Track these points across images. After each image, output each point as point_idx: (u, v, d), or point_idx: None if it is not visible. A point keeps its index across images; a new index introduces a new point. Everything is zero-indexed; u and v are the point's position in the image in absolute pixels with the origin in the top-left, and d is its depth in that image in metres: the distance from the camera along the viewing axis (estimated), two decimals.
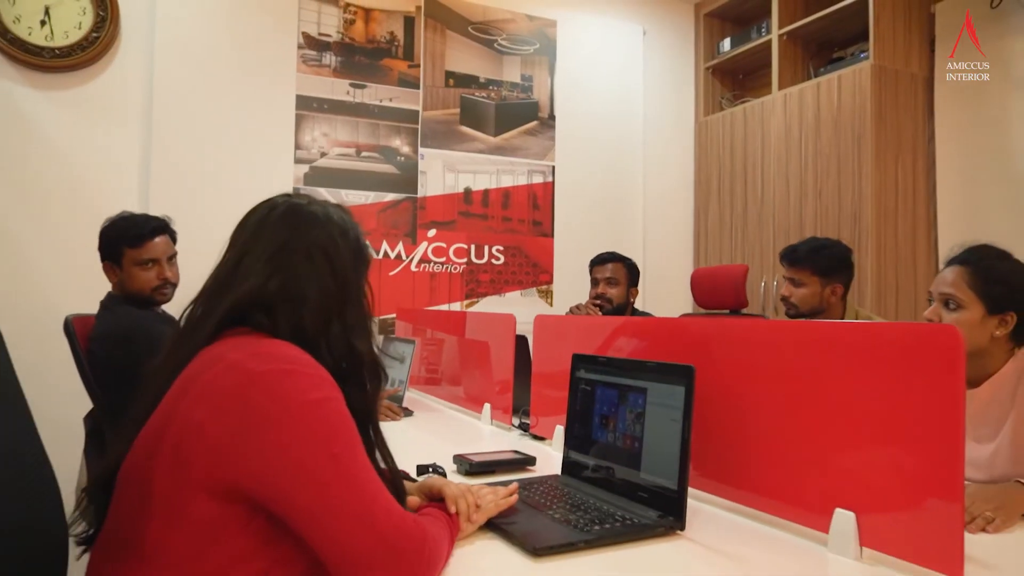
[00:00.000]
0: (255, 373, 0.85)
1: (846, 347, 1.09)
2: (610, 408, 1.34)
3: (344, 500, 0.83)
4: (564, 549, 1.05)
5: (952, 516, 0.93)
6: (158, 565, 0.83)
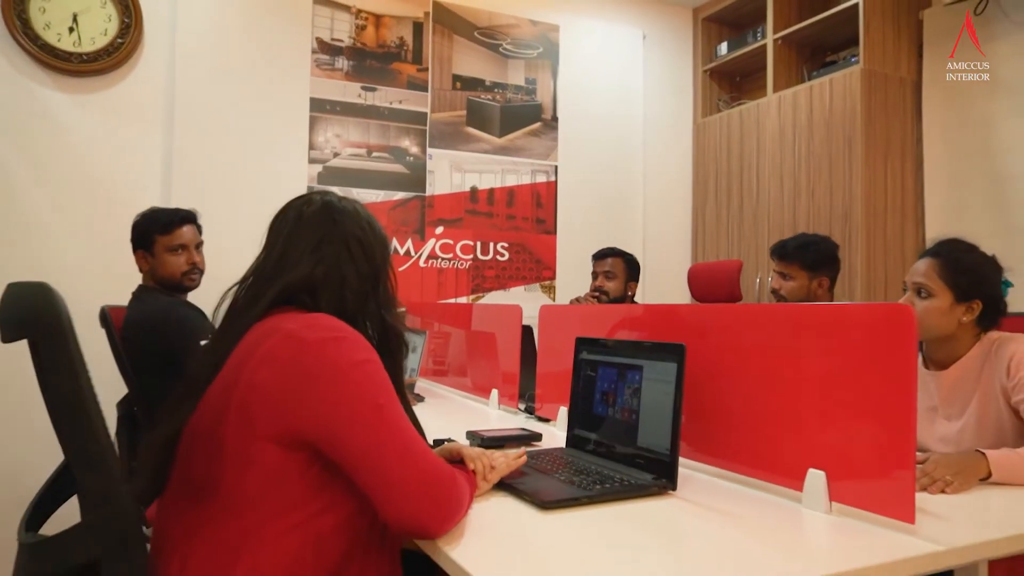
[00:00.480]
0: (310, 340, 1.00)
1: (815, 327, 1.24)
2: (610, 385, 1.48)
3: (388, 441, 0.97)
4: (568, 504, 1.19)
5: (905, 471, 1.07)
6: (232, 506, 0.98)
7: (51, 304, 0.86)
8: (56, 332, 0.85)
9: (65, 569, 0.94)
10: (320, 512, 1.02)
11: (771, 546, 1.04)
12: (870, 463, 1.13)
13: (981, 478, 1.39)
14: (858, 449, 1.15)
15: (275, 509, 0.99)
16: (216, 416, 1.01)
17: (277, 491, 0.99)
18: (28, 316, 0.87)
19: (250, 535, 0.98)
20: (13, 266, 2.92)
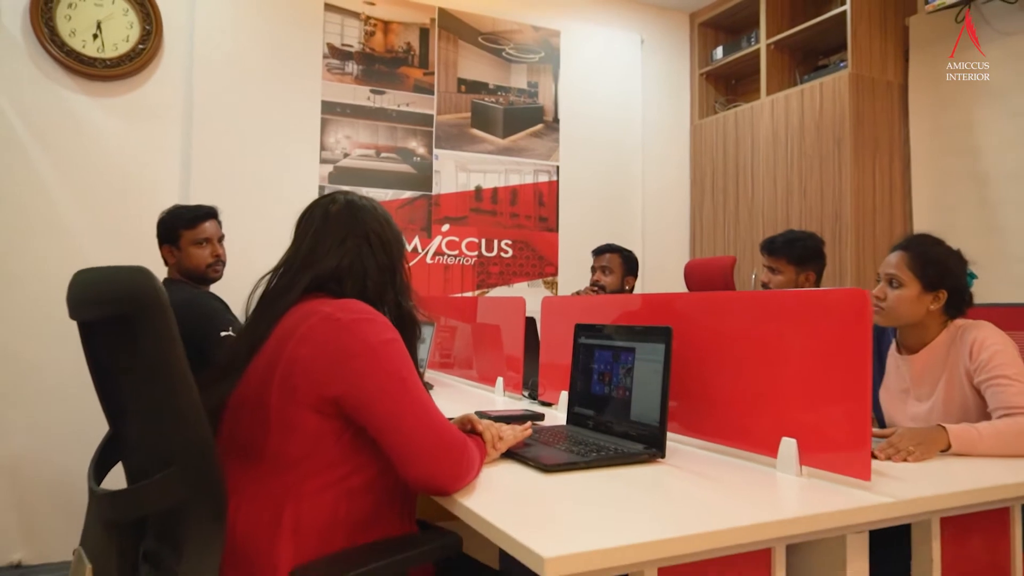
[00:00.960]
0: (345, 321, 1.15)
1: (785, 311, 1.39)
2: (606, 366, 1.63)
3: (410, 408, 1.12)
4: (567, 467, 1.34)
5: (862, 436, 1.22)
6: (276, 466, 1.13)
7: (152, 283, 1.00)
8: (158, 305, 0.99)
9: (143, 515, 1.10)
10: (351, 472, 1.17)
11: (747, 501, 1.18)
12: (834, 430, 1.28)
13: (942, 449, 1.53)
14: (824, 418, 1.30)
15: (313, 469, 1.14)
16: (260, 388, 1.16)
17: (315, 454, 1.14)
18: (128, 293, 1.00)
19: (292, 491, 1.13)
20: (41, 259, 3.07)
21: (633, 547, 0.96)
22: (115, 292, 1.07)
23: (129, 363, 1.10)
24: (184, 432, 1.01)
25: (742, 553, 1.11)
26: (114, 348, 1.18)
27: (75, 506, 3.08)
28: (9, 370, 3.02)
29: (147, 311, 0.99)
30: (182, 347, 1.01)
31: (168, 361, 0.99)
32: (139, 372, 1.06)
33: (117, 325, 1.07)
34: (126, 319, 1.00)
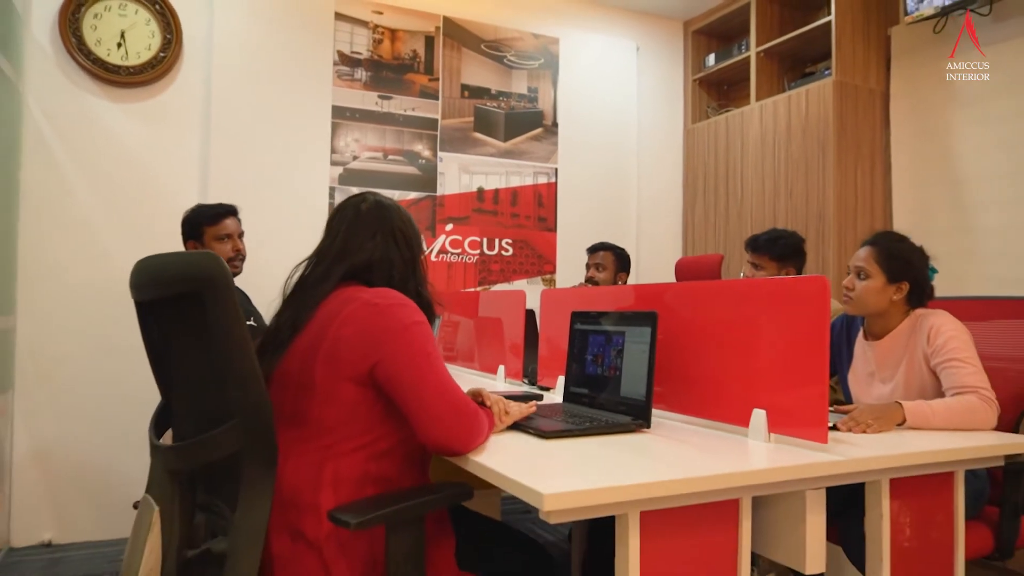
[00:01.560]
0: (382, 306, 1.34)
1: (756, 298, 1.57)
2: (599, 349, 1.82)
3: (430, 378, 1.31)
4: (564, 434, 1.52)
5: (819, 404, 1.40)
6: (318, 430, 1.32)
7: (222, 264, 1.19)
8: (225, 283, 1.17)
9: (204, 464, 1.28)
10: (380, 437, 1.35)
11: (720, 458, 1.37)
12: (797, 401, 1.46)
13: (898, 423, 1.72)
14: (789, 390, 1.48)
15: (349, 433, 1.33)
16: (306, 363, 1.35)
17: (352, 421, 1.33)
18: (202, 273, 1.18)
19: (331, 451, 1.32)
20: (67, 257, 3.26)
21: (618, 488, 1.14)
22: (190, 272, 1.25)
23: (191, 336, 1.28)
24: (245, 390, 1.19)
25: (714, 502, 1.29)
26: (174, 325, 1.36)
27: (99, 489, 3.27)
28: (38, 362, 3.20)
29: (218, 288, 1.17)
30: (244, 319, 1.19)
31: (233, 330, 1.18)
32: (203, 342, 1.24)
33: (181, 303, 1.25)
34: (195, 296, 1.19)
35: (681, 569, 1.27)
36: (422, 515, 1.26)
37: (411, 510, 1.23)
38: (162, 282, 1.31)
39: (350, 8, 3.80)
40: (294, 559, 1.30)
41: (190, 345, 1.35)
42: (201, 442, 1.25)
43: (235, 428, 1.20)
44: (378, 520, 1.20)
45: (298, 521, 1.30)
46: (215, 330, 1.17)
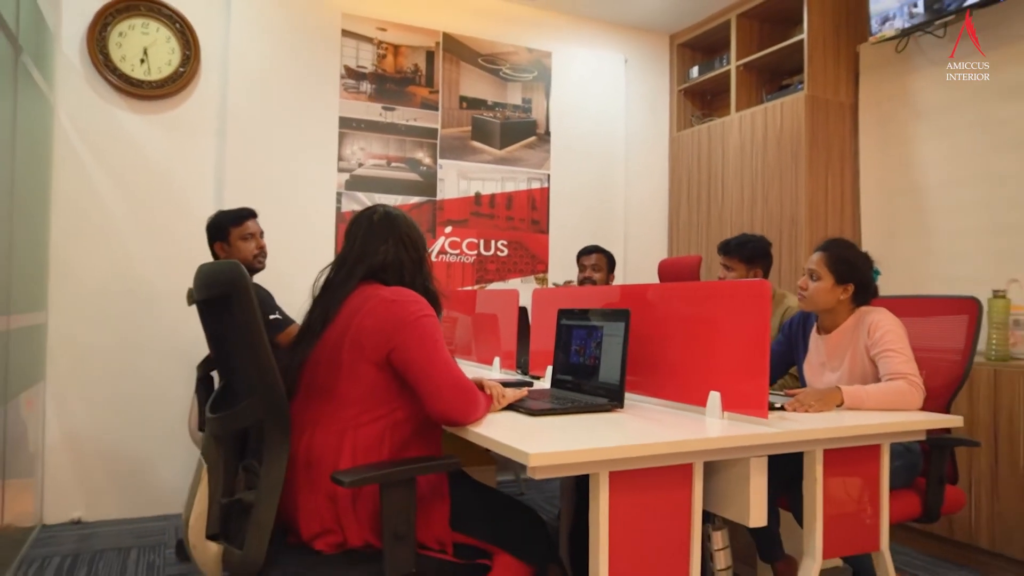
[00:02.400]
0: (397, 302, 1.61)
1: (712, 298, 1.85)
2: (581, 341, 2.09)
3: (436, 360, 1.58)
4: (549, 412, 1.80)
5: (761, 386, 1.68)
6: (342, 403, 1.59)
7: (241, 271, 1.46)
8: (244, 287, 1.45)
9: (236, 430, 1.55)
10: (394, 410, 1.62)
11: (678, 431, 1.64)
12: (744, 383, 1.74)
13: (837, 404, 2.00)
14: (737, 375, 1.76)
15: (368, 407, 1.60)
16: (335, 348, 1.62)
17: (370, 396, 1.60)
18: (227, 279, 1.46)
19: (351, 422, 1.59)
20: (95, 256, 3.52)
21: (590, 451, 1.42)
22: (220, 278, 1.53)
23: (230, 330, 1.55)
24: (261, 373, 1.47)
25: (671, 466, 1.57)
26: (222, 320, 1.63)
27: (125, 471, 3.54)
28: (68, 354, 3.46)
29: (240, 290, 1.45)
30: (260, 315, 1.46)
31: (252, 324, 1.45)
32: (235, 334, 1.52)
33: (221, 303, 1.53)
34: (227, 298, 1.46)
35: (644, 522, 1.55)
36: (411, 479, 1.52)
37: (399, 475, 1.49)
38: (206, 285, 1.58)
39: (356, 25, 4.07)
40: (315, 510, 1.57)
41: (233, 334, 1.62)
42: (231, 414, 1.53)
43: (254, 403, 1.48)
44: (369, 481, 1.47)
45: (321, 480, 1.57)
46: (239, 324, 1.45)
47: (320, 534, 1.57)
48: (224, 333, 1.68)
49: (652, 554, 1.56)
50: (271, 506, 1.48)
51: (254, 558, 1.46)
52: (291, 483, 1.58)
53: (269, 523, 1.47)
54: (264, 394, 1.49)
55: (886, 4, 3.65)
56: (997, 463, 2.95)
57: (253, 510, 1.49)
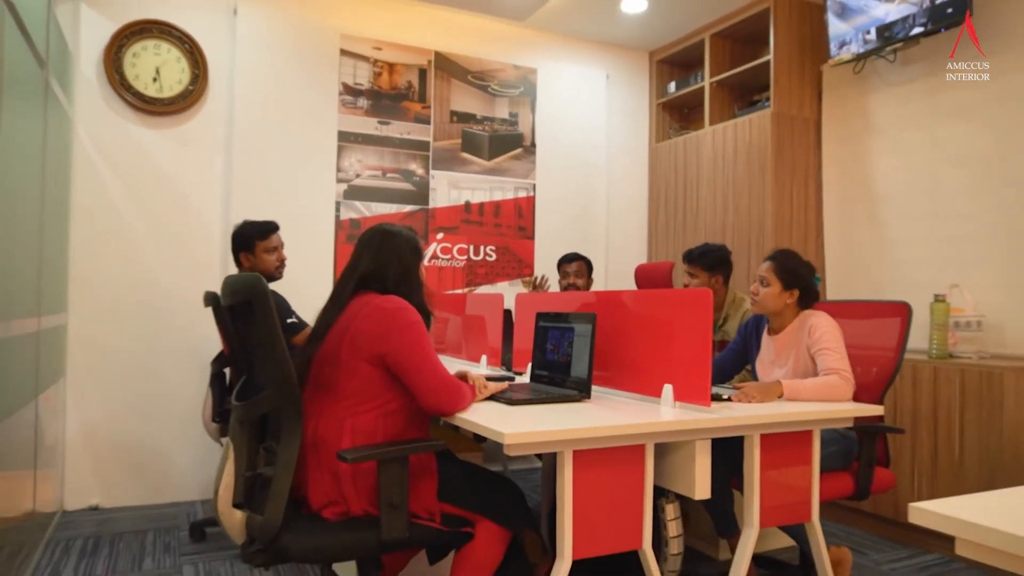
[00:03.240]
0: (389, 308, 1.90)
1: (666, 304, 2.15)
2: (556, 340, 2.39)
3: (426, 364, 1.87)
4: (526, 402, 2.09)
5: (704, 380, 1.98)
6: (341, 395, 1.87)
7: (262, 283, 1.74)
8: (264, 296, 1.73)
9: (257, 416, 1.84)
10: (388, 401, 1.91)
11: (634, 417, 1.93)
12: (691, 377, 2.03)
13: (777, 396, 2.30)
14: (685, 369, 2.05)
15: (365, 398, 1.88)
16: (336, 348, 1.91)
17: (366, 389, 1.89)
18: (249, 288, 1.74)
19: (350, 411, 1.87)
20: (112, 262, 3.79)
21: (557, 431, 1.72)
22: (243, 288, 1.81)
23: (251, 332, 1.84)
24: (278, 368, 1.75)
25: (626, 446, 1.86)
26: (246, 323, 1.92)
27: (139, 461, 3.82)
28: (87, 354, 3.73)
29: (260, 298, 1.73)
30: (277, 321, 1.75)
31: (271, 328, 1.74)
32: (256, 336, 1.80)
33: (244, 308, 1.81)
34: (249, 304, 1.75)
35: (603, 494, 1.84)
36: (404, 457, 1.81)
37: (393, 453, 1.78)
38: (232, 293, 1.86)
39: (353, 45, 4.35)
40: (321, 485, 1.86)
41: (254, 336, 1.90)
42: (254, 402, 1.82)
43: (273, 392, 1.77)
44: (369, 458, 1.77)
45: (326, 459, 1.86)
46: (260, 327, 1.74)
47: (326, 505, 1.86)
48: (247, 334, 1.97)
49: (610, 521, 1.85)
50: (287, 478, 1.77)
51: (272, 522, 1.75)
52: (301, 463, 1.86)
53: (285, 493, 1.76)
54: (281, 385, 1.78)
55: (842, 30, 3.96)
56: (936, 451, 3.26)
57: (272, 482, 1.77)
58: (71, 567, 2.94)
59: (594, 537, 1.83)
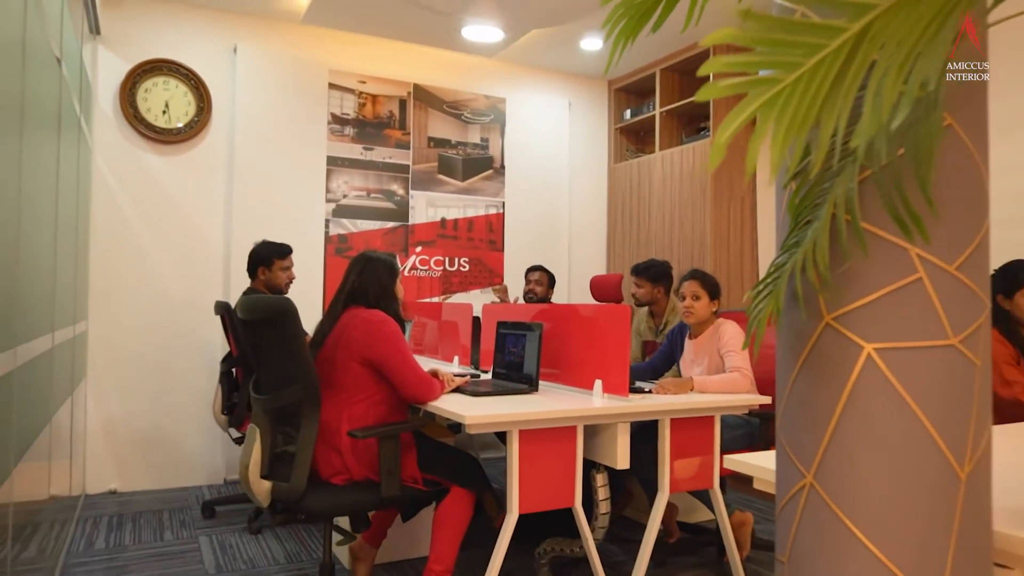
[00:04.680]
0: (374, 321, 2.44)
1: (595, 316, 2.71)
2: (512, 344, 2.93)
3: (405, 365, 2.41)
4: (485, 394, 2.64)
5: (623, 375, 2.53)
6: (338, 390, 2.41)
7: (291, 304, 2.28)
8: (293, 313, 2.26)
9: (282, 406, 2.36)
10: (375, 393, 2.45)
11: (569, 405, 2.48)
12: (614, 373, 2.59)
13: (689, 389, 2.86)
14: (611, 368, 2.61)
15: (357, 391, 2.42)
16: (332, 352, 2.44)
17: (358, 384, 2.42)
18: (280, 307, 2.28)
19: (346, 403, 2.41)
20: (127, 276, 4.28)
21: (506, 414, 2.26)
22: (270, 307, 2.33)
23: (273, 341, 2.37)
24: (302, 367, 2.29)
25: (561, 427, 2.42)
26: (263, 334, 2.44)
27: (153, 450, 4.31)
28: (106, 356, 4.22)
29: (289, 316, 2.26)
30: (303, 333, 2.28)
31: (298, 338, 2.27)
32: (280, 344, 2.33)
33: (268, 322, 2.34)
34: (275, 319, 2.28)
35: (543, 464, 2.39)
36: (396, 435, 2.35)
37: (389, 431, 2.33)
38: (257, 310, 2.38)
39: (340, 79, 4.87)
40: (328, 458, 2.39)
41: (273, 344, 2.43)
42: (279, 395, 2.35)
43: (297, 388, 2.30)
44: (371, 435, 2.31)
45: (332, 439, 2.39)
46: (288, 337, 2.27)
47: (333, 474, 2.40)
48: (261, 343, 2.49)
49: (549, 484, 2.40)
50: (308, 453, 2.30)
51: (297, 487, 2.28)
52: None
53: (307, 465, 2.29)
54: (306, 383, 2.31)
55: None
56: None
57: (296, 457, 2.30)
58: (102, 538, 3.44)
59: (536, 496, 2.38)
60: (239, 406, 3.55)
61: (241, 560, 3.19)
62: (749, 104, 0.79)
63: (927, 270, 0.99)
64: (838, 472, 1.02)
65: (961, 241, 1.01)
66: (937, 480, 0.98)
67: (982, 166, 1.05)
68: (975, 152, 1.04)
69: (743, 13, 0.76)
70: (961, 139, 1.04)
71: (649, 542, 2.62)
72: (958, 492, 0.98)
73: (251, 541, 3.43)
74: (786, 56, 0.78)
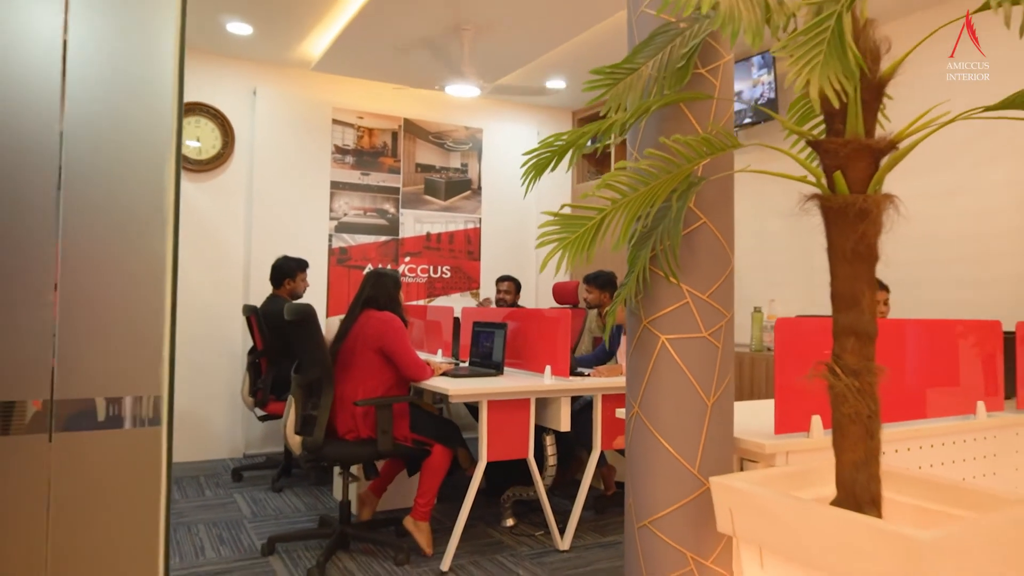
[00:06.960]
0: (385, 319, 3.33)
1: (546, 318, 3.61)
2: (484, 340, 3.83)
3: (407, 352, 3.30)
4: (464, 376, 3.53)
5: (566, 363, 3.44)
6: (355, 373, 3.30)
7: (312, 310, 3.15)
8: (314, 318, 3.14)
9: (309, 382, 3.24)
10: (384, 373, 3.33)
11: (524, 384, 3.37)
12: (559, 361, 3.49)
13: (619, 373, 3.76)
14: (557, 357, 3.51)
15: (369, 373, 3.30)
16: (353, 343, 3.32)
17: (371, 367, 3.31)
18: (306, 312, 3.16)
19: (361, 381, 3.29)
20: None
21: (480, 389, 3.16)
22: (306, 311, 3.21)
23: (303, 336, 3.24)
24: (321, 357, 3.17)
25: (519, 399, 3.31)
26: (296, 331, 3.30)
27: (184, 427, 5.16)
28: None
29: (311, 319, 3.14)
30: (322, 331, 3.16)
31: (318, 336, 3.15)
32: (307, 338, 3.21)
33: (300, 323, 3.22)
34: (303, 321, 3.16)
35: (505, 425, 3.28)
36: (391, 404, 3.23)
37: (384, 400, 3.21)
38: (298, 314, 3.26)
39: (342, 115, 5.73)
40: (345, 421, 3.28)
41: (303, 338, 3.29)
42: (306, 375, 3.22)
43: (317, 369, 3.18)
44: (370, 404, 3.19)
45: (348, 407, 3.27)
46: (311, 336, 3.15)
47: (347, 432, 3.28)
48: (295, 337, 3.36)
49: (509, 441, 3.30)
50: (325, 415, 3.17)
51: (318, 440, 3.15)
52: (333, 409, 3.27)
53: (324, 424, 3.17)
54: (322, 367, 3.18)
55: None
56: None
57: (316, 419, 3.18)
58: None
59: (499, 449, 3.27)
60: (263, 390, 4.41)
61: (270, 508, 4.06)
62: (558, 248, 1.68)
63: (691, 297, 1.90)
64: (649, 404, 1.92)
65: (711, 280, 1.91)
66: (696, 405, 1.88)
67: (726, 243, 1.95)
68: (721, 236, 1.95)
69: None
70: (712, 229, 1.95)
71: (585, 485, 3.53)
72: (707, 412, 1.89)
73: (275, 496, 4.30)
74: (576, 223, 1.67)
